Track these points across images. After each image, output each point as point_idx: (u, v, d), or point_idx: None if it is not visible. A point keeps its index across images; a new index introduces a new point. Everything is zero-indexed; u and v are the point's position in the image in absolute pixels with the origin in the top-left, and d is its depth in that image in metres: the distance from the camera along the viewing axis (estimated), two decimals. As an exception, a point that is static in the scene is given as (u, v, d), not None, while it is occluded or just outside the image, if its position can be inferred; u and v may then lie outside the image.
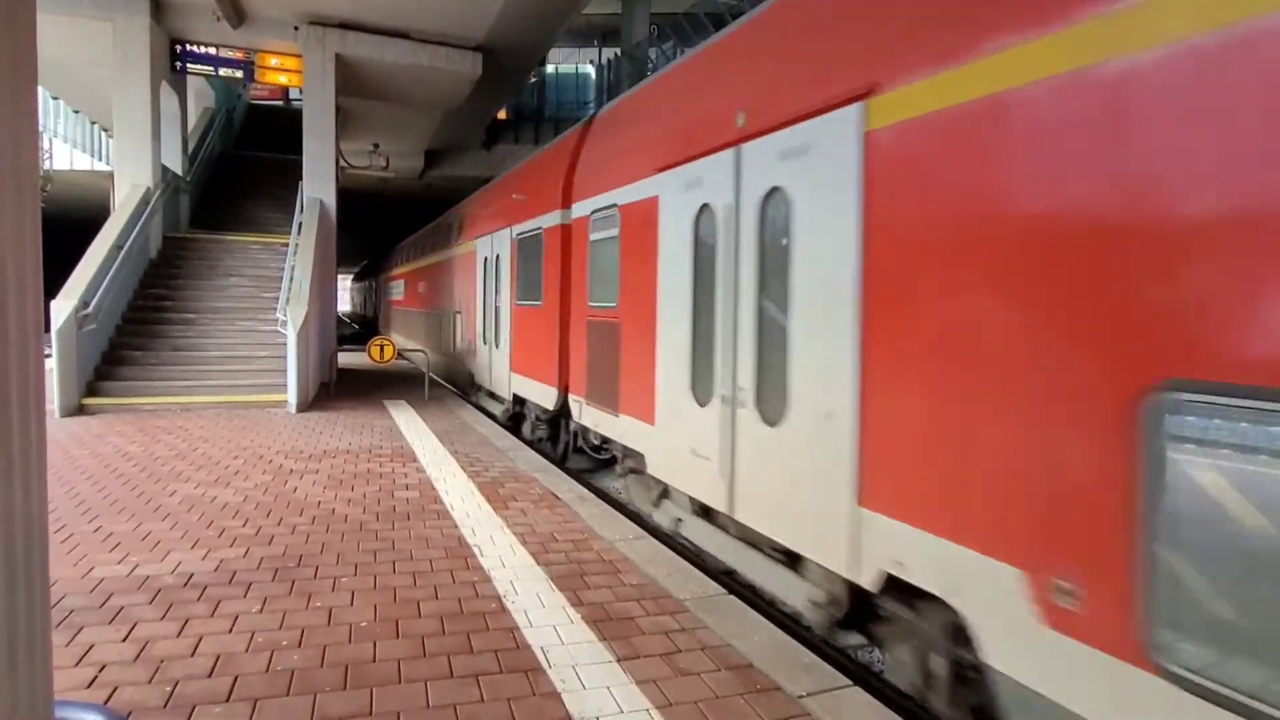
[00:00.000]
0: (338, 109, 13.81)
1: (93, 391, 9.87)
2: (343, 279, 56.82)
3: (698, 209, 4.95)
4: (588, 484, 7.57)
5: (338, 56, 13.10)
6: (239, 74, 13.58)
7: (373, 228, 35.83)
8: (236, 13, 12.58)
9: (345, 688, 2.91)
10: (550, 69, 27.81)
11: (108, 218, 11.49)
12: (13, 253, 1.20)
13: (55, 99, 19.85)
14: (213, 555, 4.40)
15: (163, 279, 12.21)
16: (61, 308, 9.27)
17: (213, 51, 13.24)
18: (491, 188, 12.96)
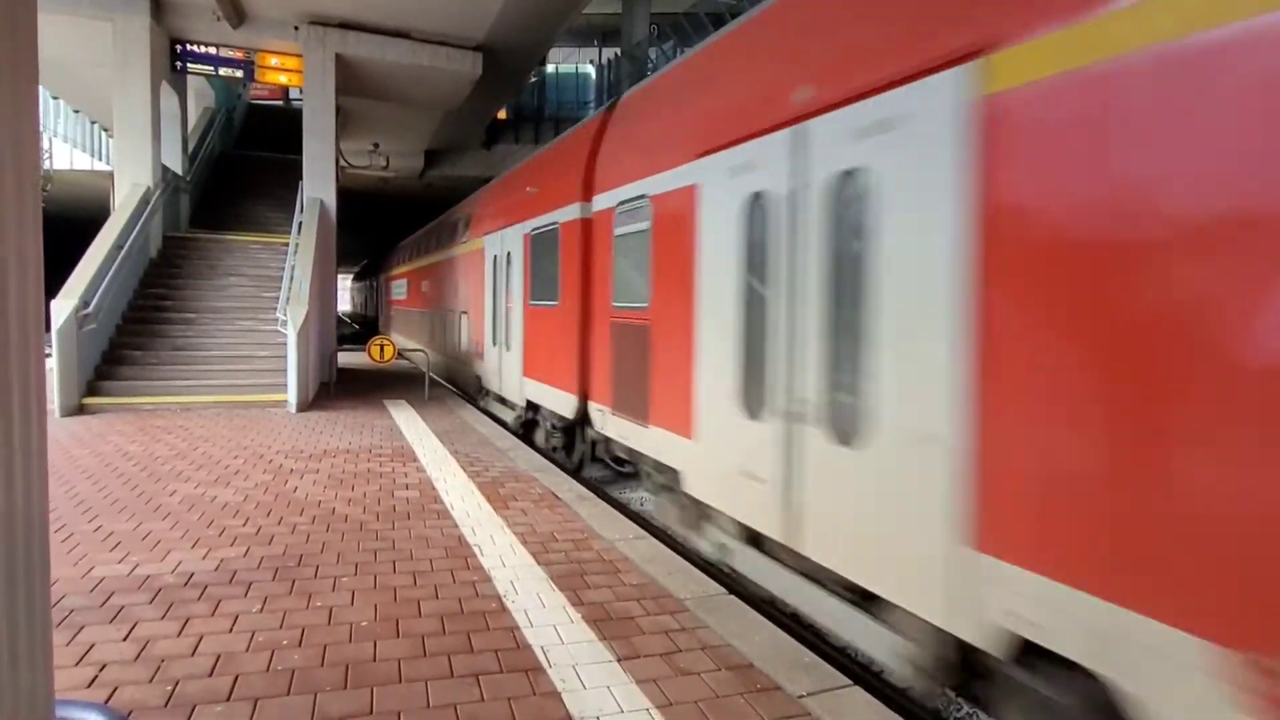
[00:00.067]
0: (338, 109, 13.82)
1: (93, 391, 9.88)
2: (343, 279, 56.85)
3: (748, 196, 4.39)
4: (589, 485, 7.41)
5: (338, 56, 13.11)
6: (239, 74, 13.58)
7: (373, 227, 35.85)
8: (236, 12, 12.59)
9: (346, 687, 2.92)
10: (550, 69, 27.83)
11: (108, 217, 11.50)
12: (14, 253, 1.20)
13: (55, 98, 19.87)
14: (213, 555, 4.40)
15: (163, 279, 12.22)
16: (61, 307, 9.28)
17: (213, 51, 13.25)
18: (502, 181, 12.32)
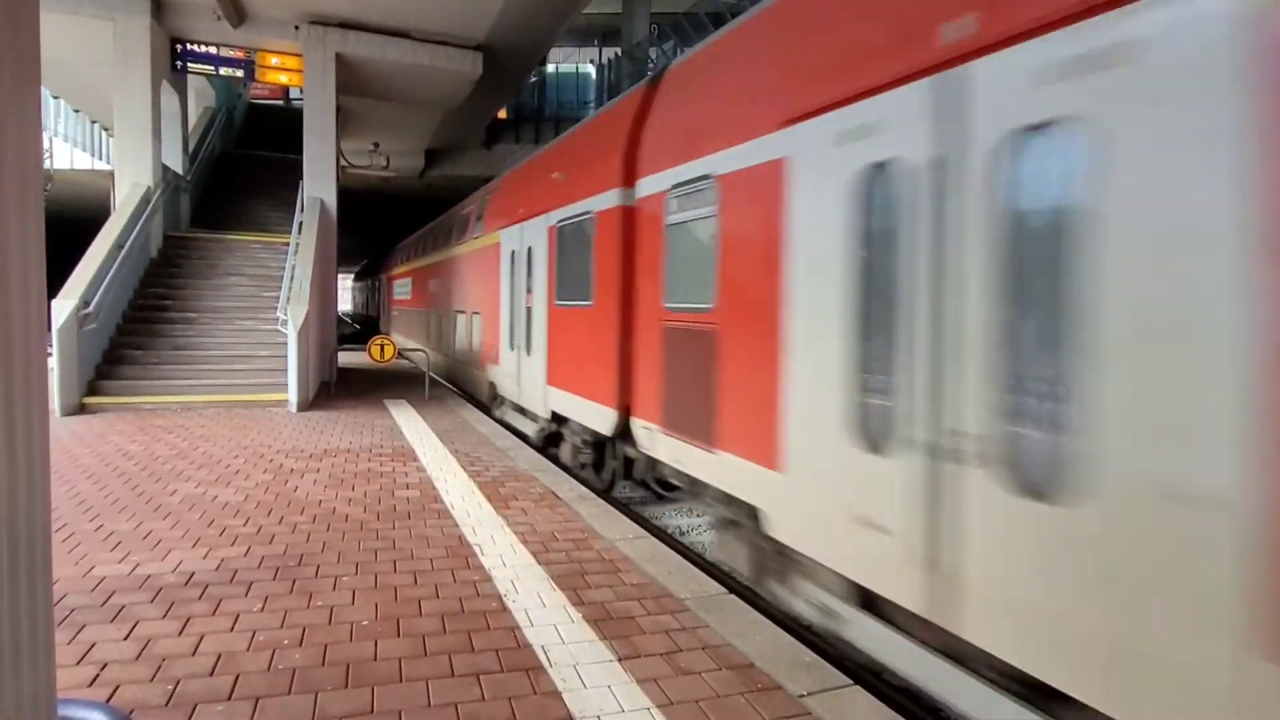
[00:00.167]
0: (338, 108, 13.83)
1: (93, 390, 9.88)
2: (343, 278, 56.87)
3: (864, 169, 3.57)
4: (590, 486, 7.00)
5: (338, 56, 13.12)
6: (239, 73, 13.60)
7: (373, 227, 35.88)
8: (237, 12, 12.59)
9: (346, 686, 2.92)
10: (550, 69, 27.83)
11: (108, 217, 11.51)
12: (17, 252, 1.20)
13: (56, 98, 19.89)
14: (214, 554, 4.41)
15: (163, 278, 12.22)
16: (62, 307, 9.29)
17: (213, 51, 13.26)
18: (521, 169, 11.32)
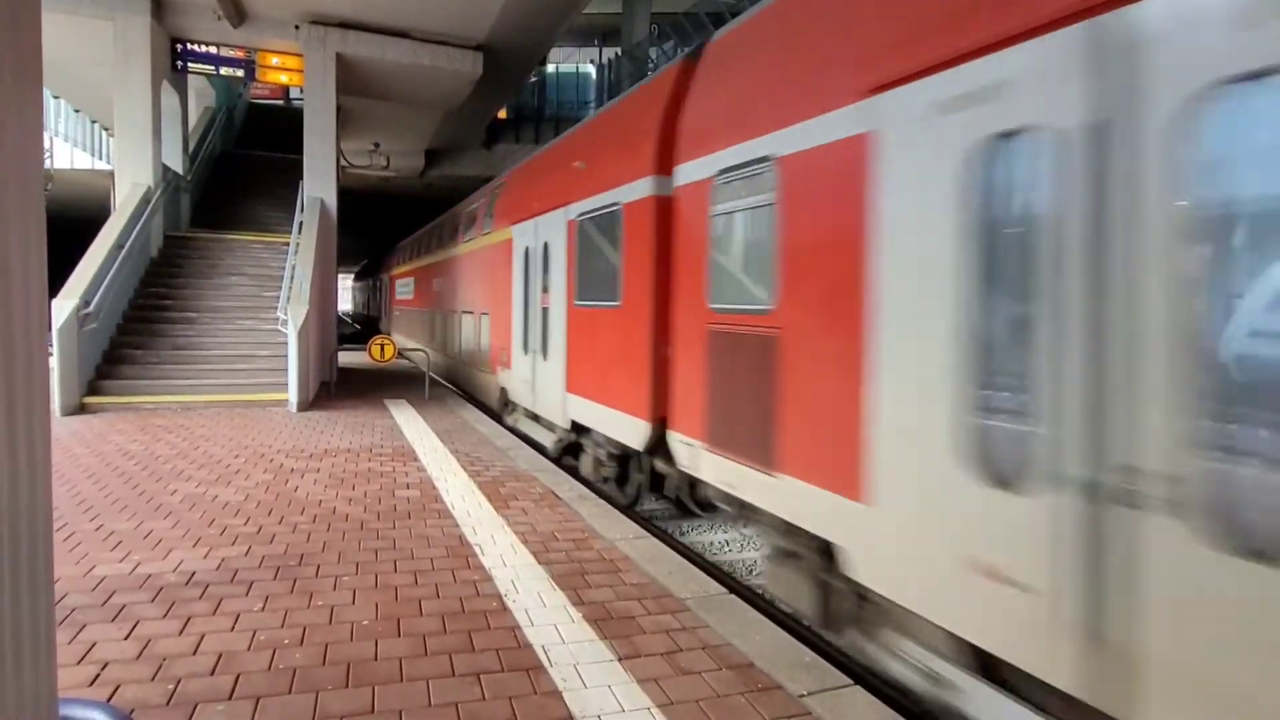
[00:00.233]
0: (338, 108, 13.83)
1: (94, 390, 9.89)
2: (343, 278, 56.90)
3: (986, 139, 2.97)
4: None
5: (338, 56, 13.12)
6: (240, 73, 13.60)
7: (373, 227, 35.89)
8: (237, 12, 12.60)
9: (347, 686, 2.92)
10: (550, 69, 27.83)
11: (108, 217, 11.51)
12: (18, 253, 1.20)
13: (56, 98, 19.89)
14: (214, 554, 4.41)
15: (164, 278, 12.23)
16: (62, 307, 9.29)
17: (213, 50, 13.26)
18: (536, 161, 10.63)
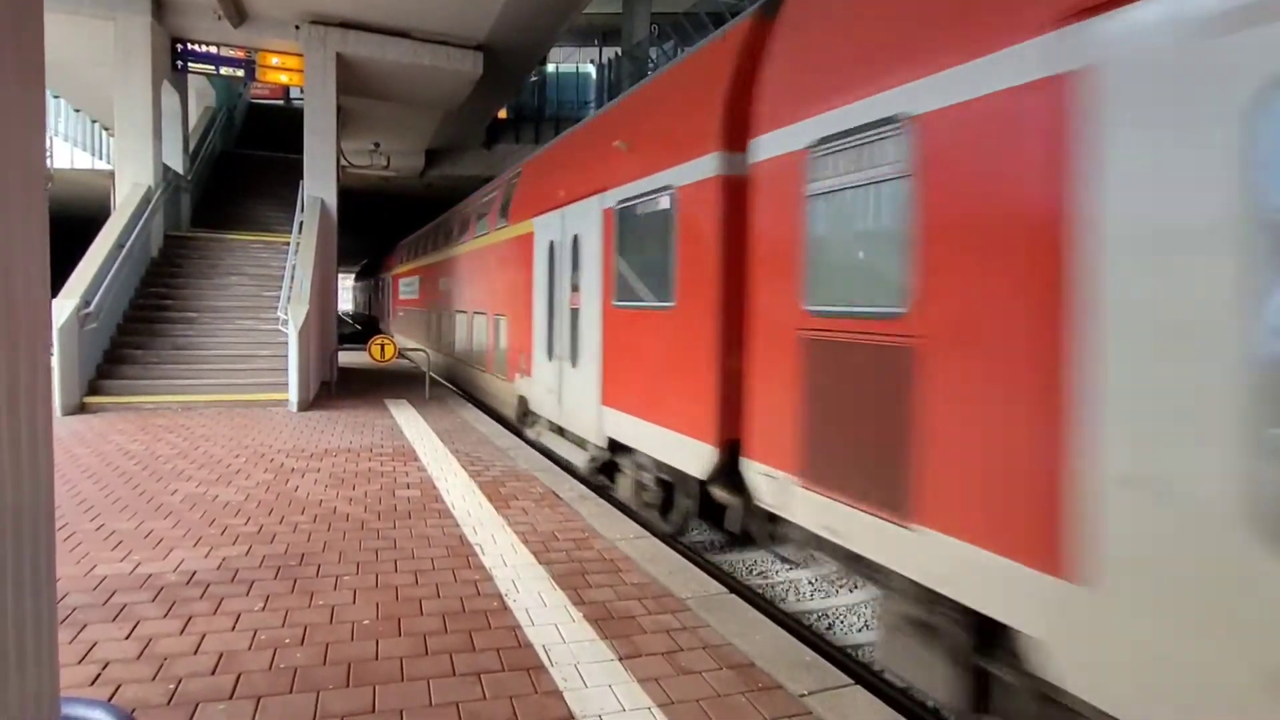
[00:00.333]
0: (339, 108, 13.84)
1: (94, 390, 9.89)
2: (343, 278, 56.88)
3: None
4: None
5: (339, 56, 13.13)
6: (240, 73, 13.60)
7: (374, 227, 35.90)
8: (238, 12, 12.60)
9: (348, 686, 2.92)
10: (551, 68, 27.83)
11: (109, 216, 11.52)
12: (21, 254, 1.21)
13: (57, 97, 19.89)
14: (215, 553, 4.41)
15: (164, 278, 12.23)
16: (63, 307, 9.29)
17: (214, 50, 13.27)
18: (561, 145, 9.61)
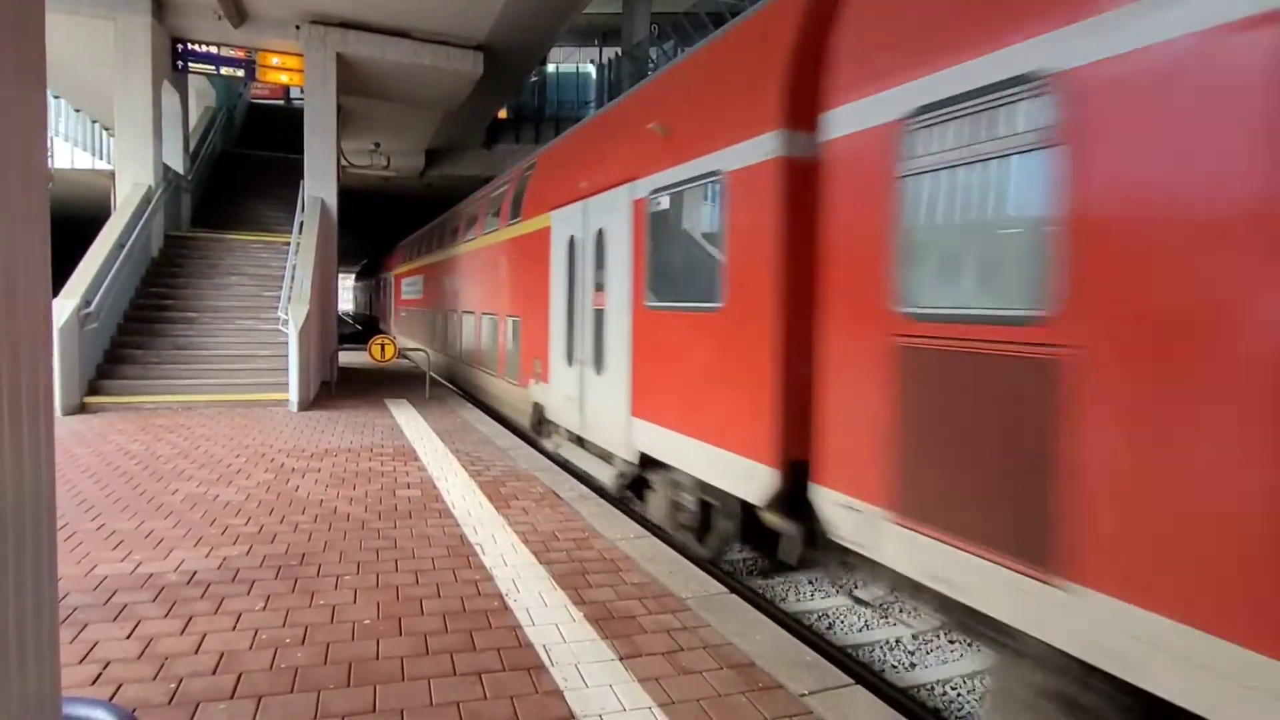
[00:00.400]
0: (339, 108, 13.84)
1: (94, 390, 9.89)
2: (344, 278, 56.88)
3: None
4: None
5: (339, 56, 13.13)
6: (240, 73, 13.61)
7: (374, 227, 35.92)
8: (238, 12, 12.60)
9: (348, 685, 2.92)
10: (551, 68, 27.83)
11: (109, 217, 11.53)
12: (23, 254, 1.21)
13: (57, 97, 19.89)
14: (215, 553, 4.41)
15: (164, 278, 12.23)
16: (63, 307, 9.29)
17: (214, 50, 13.27)
18: (581, 133, 8.91)
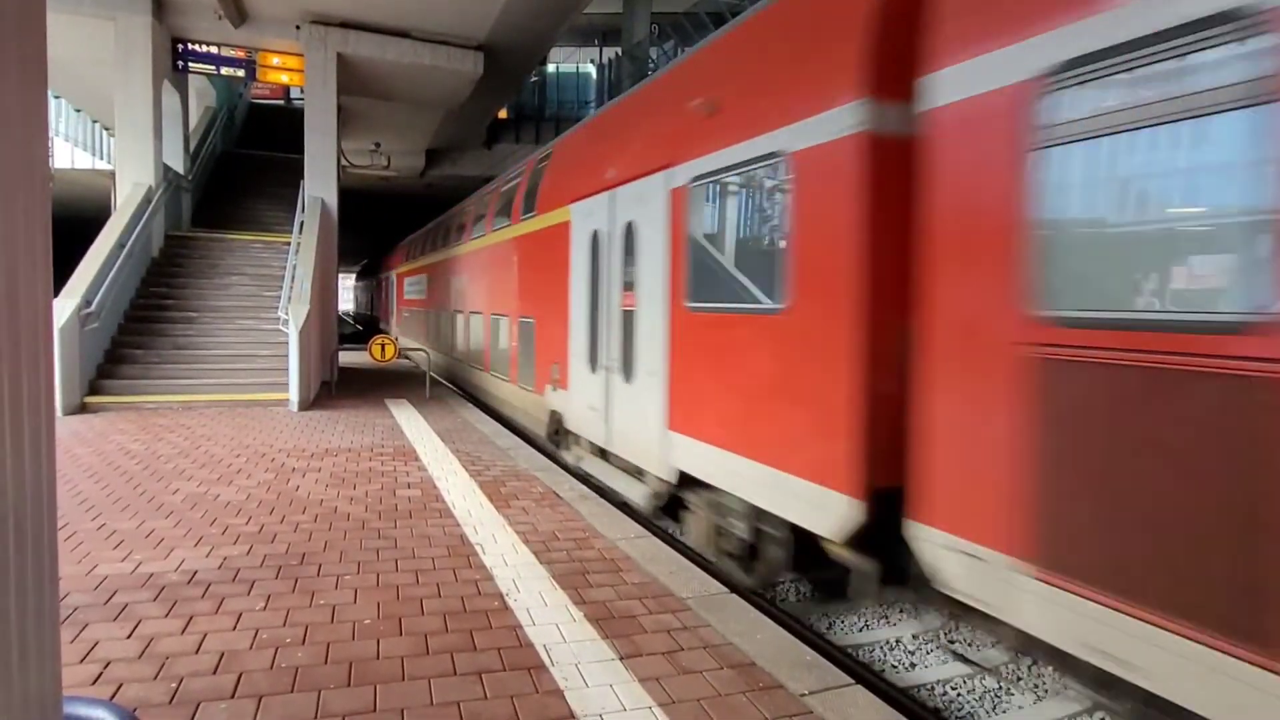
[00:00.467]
0: (339, 108, 13.83)
1: (95, 390, 9.89)
2: (344, 278, 56.86)
3: None
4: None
5: (339, 55, 13.12)
6: (240, 73, 13.60)
7: (374, 227, 35.92)
8: (238, 11, 12.60)
9: (349, 685, 2.93)
10: (551, 68, 27.84)
11: (109, 216, 11.53)
12: (25, 254, 1.21)
13: (57, 97, 19.89)
14: (216, 553, 4.41)
15: (165, 277, 12.23)
16: (64, 306, 9.29)
17: (214, 50, 13.26)
18: (605, 117, 8.06)
